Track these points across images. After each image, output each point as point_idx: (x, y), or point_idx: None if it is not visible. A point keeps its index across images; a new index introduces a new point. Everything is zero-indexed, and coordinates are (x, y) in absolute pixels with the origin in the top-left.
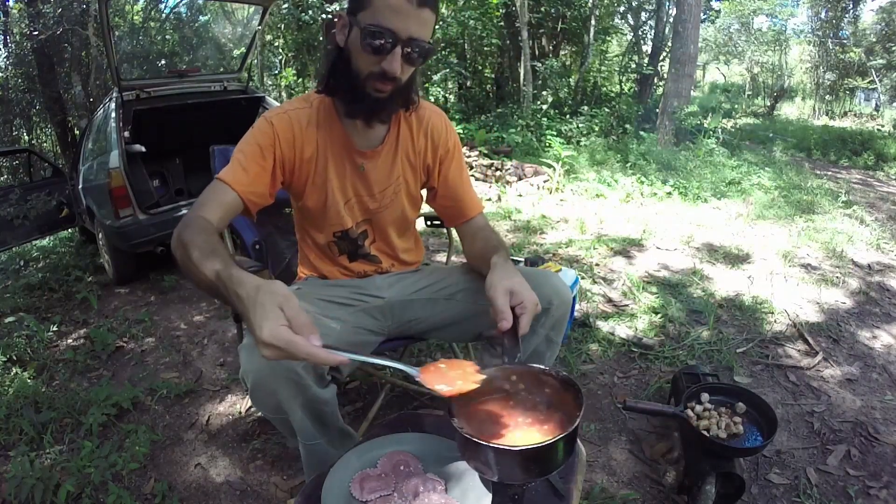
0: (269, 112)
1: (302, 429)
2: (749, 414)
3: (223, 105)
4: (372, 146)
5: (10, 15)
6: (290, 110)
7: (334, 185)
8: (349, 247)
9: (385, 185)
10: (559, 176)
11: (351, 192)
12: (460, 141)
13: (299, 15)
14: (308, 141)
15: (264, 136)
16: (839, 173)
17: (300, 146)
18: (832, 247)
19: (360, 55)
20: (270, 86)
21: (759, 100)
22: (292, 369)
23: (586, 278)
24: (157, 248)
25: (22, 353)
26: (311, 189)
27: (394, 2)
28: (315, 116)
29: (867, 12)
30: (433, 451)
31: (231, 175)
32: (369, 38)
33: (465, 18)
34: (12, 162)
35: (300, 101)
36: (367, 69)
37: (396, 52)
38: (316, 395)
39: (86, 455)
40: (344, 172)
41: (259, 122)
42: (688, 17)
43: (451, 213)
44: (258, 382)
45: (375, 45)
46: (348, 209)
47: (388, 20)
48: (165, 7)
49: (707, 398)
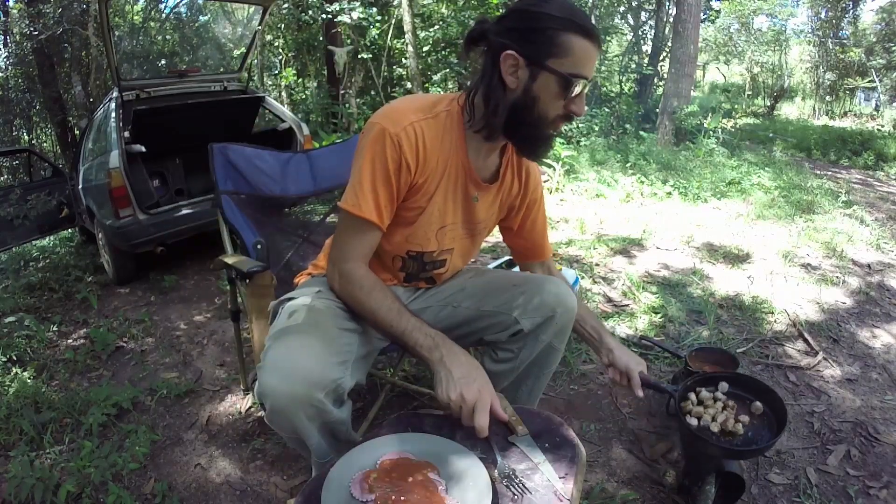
0: (392, 125)
1: (318, 450)
2: (766, 417)
3: (223, 105)
4: (487, 179)
5: (10, 15)
6: (415, 122)
7: (437, 207)
8: (415, 267)
9: (484, 219)
10: (559, 176)
11: (451, 218)
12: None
13: (299, 15)
14: (430, 159)
15: (393, 160)
16: (839, 173)
17: (423, 166)
18: (832, 246)
19: (552, 101)
20: (270, 86)
21: (759, 100)
22: (314, 396)
23: (586, 278)
24: (157, 248)
25: (22, 353)
26: (413, 204)
27: (591, 53)
28: (437, 130)
29: (867, 12)
30: (433, 451)
31: (368, 208)
32: (571, 85)
33: (465, 18)
34: (12, 162)
35: (425, 107)
36: (555, 113)
37: (583, 95)
38: (335, 418)
39: (86, 455)
40: (455, 198)
41: (383, 137)
42: (688, 17)
43: (527, 253)
44: (277, 407)
45: (576, 93)
46: (440, 234)
47: (586, 69)
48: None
49: (726, 388)
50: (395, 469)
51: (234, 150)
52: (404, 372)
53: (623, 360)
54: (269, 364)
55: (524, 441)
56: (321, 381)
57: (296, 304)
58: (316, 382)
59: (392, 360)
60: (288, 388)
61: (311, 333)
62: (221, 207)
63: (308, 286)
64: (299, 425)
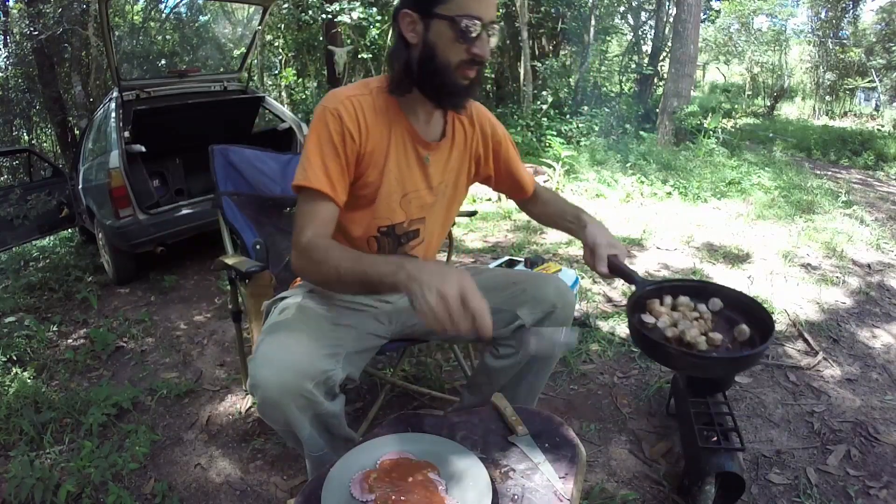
0: (331, 102)
1: (310, 442)
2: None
3: (223, 105)
4: (434, 138)
5: (10, 15)
6: (353, 97)
7: (392, 176)
8: (391, 244)
9: (442, 179)
10: (559, 176)
11: (410, 185)
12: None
13: (299, 15)
14: (373, 131)
15: (337, 134)
16: (839, 173)
17: (366, 136)
18: (832, 246)
19: (450, 46)
20: (270, 86)
21: (759, 100)
22: (303, 386)
23: (586, 278)
24: (157, 248)
25: (22, 353)
26: (367, 180)
27: None
28: (374, 104)
29: (867, 12)
30: (433, 451)
31: (318, 180)
32: (462, 27)
33: None
34: (12, 162)
35: (359, 87)
36: (458, 58)
37: (484, 37)
38: (326, 410)
39: (86, 455)
40: (406, 164)
41: (324, 114)
42: (688, 17)
43: (515, 191)
44: (268, 398)
45: (469, 33)
46: (405, 203)
47: (475, 8)
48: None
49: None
50: (395, 469)
51: (235, 151)
52: (404, 372)
53: (592, 235)
54: (260, 356)
55: (524, 441)
56: (310, 371)
57: (287, 302)
58: (305, 372)
59: (392, 360)
60: (278, 379)
61: (301, 328)
62: (222, 208)
63: (302, 286)
64: (290, 416)
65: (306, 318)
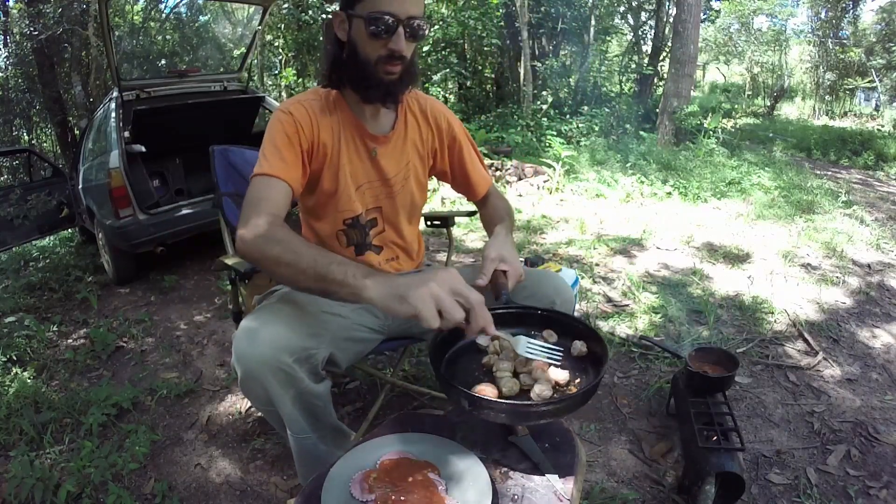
0: (284, 105)
1: (292, 422)
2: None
3: (223, 105)
4: (383, 132)
5: (10, 15)
6: (303, 100)
7: (347, 170)
8: (358, 236)
9: (396, 171)
10: (559, 176)
11: (363, 177)
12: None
13: (299, 15)
14: (324, 127)
15: (289, 126)
16: (839, 173)
17: (318, 133)
18: (832, 246)
19: (367, 43)
20: (270, 86)
21: (759, 100)
22: (284, 361)
23: (586, 278)
24: (158, 248)
25: (22, 353)
26: (326, 175)
27: None
28: (326, 105)
29: (867, 12)
30: (433, 451)
31: (272, 167)
32: (374, 24)
33: (465, 18)
34: (12, 162)
35: (311, 93)
36: (376, 54)
37: (400, 32)
38: (308, 389)
39: (86, 455)
40: (357, 157)
41: (277, 115)
42: (688, 17)
43: (466, 191)
44: (249, 372)
45: (380, 29)
46: (360, 195)
47: (387, 4)
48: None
49: (554, 338)
50: (395, 469)
51: (235, 152)
52: (404, 372)
53: (487, 248)
54: (241, 331)
55: (524, 441)
56: (289, 346)
57: (276, 293)
58: (284, 347)
59: (392, 360)
60: (257, 352)
61: (286, 310)
62: (222, 209)
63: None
64: (272, 391)
65: (292, 302)
